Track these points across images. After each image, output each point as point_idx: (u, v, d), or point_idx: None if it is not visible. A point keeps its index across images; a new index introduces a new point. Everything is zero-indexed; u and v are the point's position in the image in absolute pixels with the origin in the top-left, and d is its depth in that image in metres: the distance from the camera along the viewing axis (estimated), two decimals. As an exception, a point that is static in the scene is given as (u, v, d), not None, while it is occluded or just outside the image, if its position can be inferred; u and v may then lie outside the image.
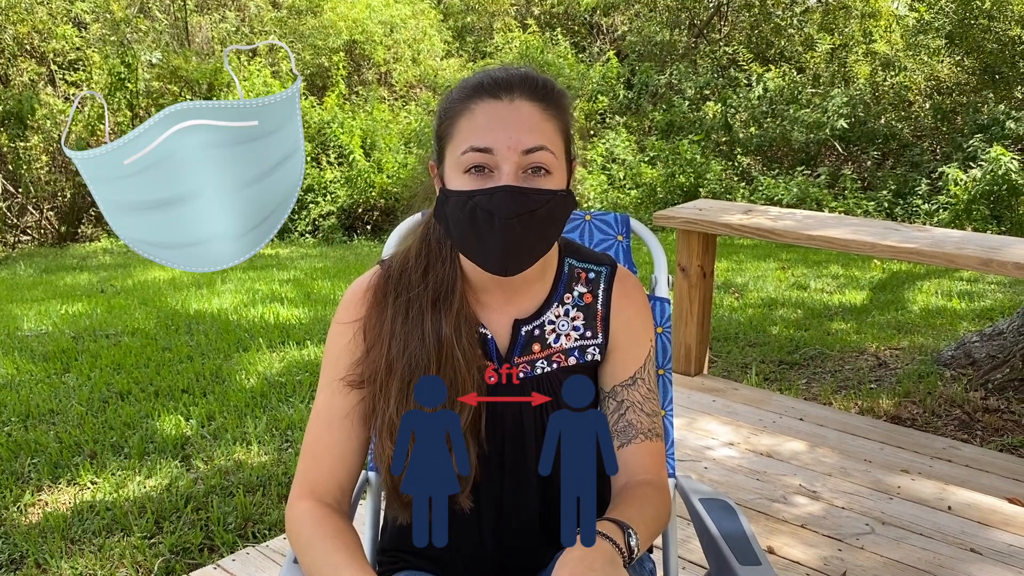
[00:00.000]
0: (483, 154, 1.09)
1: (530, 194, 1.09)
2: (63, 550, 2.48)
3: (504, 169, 1.09)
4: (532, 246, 1.13)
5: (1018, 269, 2.80)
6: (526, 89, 1.12)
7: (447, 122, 1.15)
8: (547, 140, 1.11)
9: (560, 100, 1.16)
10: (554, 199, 1.11)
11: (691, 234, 3.61)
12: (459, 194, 1.10)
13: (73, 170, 10.90)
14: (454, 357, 1.16)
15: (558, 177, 1.13)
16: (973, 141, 10.00)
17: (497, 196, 1.08)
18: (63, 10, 11.62)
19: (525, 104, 1.11)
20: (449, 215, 1.13)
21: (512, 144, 1.09)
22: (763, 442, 3.12)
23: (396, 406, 1.16)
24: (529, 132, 1.10)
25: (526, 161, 1.09)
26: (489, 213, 1.08)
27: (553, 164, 1.12)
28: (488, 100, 1.11)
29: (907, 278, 6.56)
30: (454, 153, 1.12)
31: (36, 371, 4.02)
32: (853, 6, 12.93)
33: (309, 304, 5.57)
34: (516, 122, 1.10)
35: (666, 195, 10.84)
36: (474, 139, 1.10)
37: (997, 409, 3.50)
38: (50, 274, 7.73)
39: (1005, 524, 2.56)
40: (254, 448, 3.15)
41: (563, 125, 1.15)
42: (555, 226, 1.14)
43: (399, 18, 13.27)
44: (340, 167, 11.21)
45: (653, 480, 1.24)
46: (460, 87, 1.16)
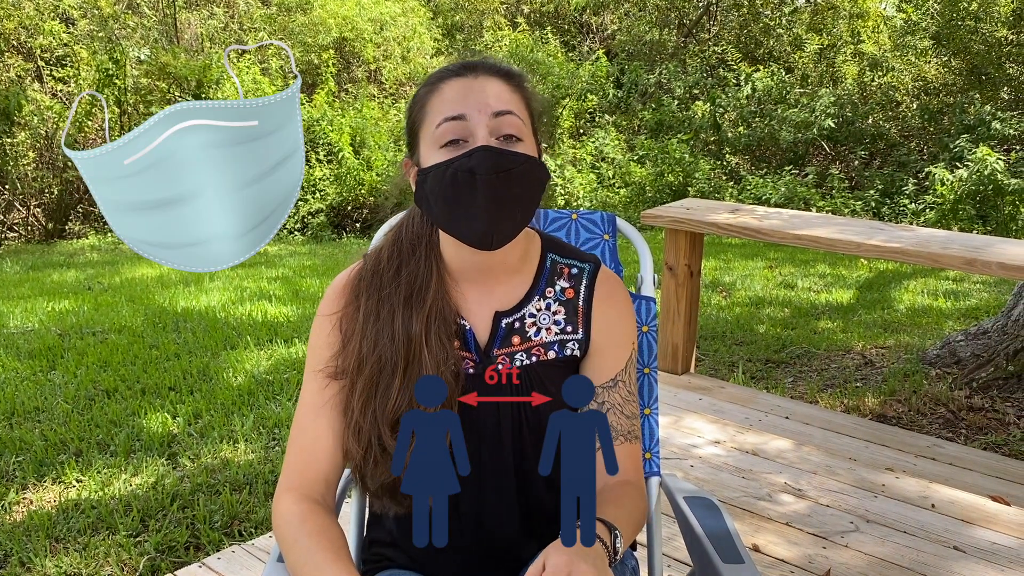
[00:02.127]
0: (456, 122, 1.14)
1: (507, 153, 1.13)
2: (48, 548, 2.47)
3: (478, 134, 1.13)
4: (512, 209, 1.15)
5: (1002, 269, 2.82)
6: (488, 68, 1.19)
7: (416, 109, 1.20)
8: (515, 108, 1.17)
9: (521, 79, 1.22)
10: (529, 162, 1.15)
11: (679, 233, 3.62)
12: (437, 166, 1.14)
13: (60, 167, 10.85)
14: (422, 355, 1.18)
15: (529, 147, 1.17)
16: (959, 141, 10.07)
17: (476, 154, 1.11)
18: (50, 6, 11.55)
19: (489, 79, 1.18)
20: (430, 192, 1.16)
21: (482, 107, 1.14)
22: (749, 440, 3.14)
23: (362, 405, 1.18)
24: (497, 98, 1.16)
25: (497, 125, 1.14)
26: (470, 172, 1.11)
27: (523, 132, 1.17)
28: (454, 78, 1.18)
29: (893, 277, 6.59)
30: (428, 131, 1.17)
31: (22, 368, 4.00)
32: (841, 6, 12.99)
33: (297, 302, 5.56)
34: (483, 91, 1.16)
35: (655, 194, 10.87)
36: (446, 110, 1.15)
37: (981, 408, 3.53)
38: (37, 271, 7.69)
39: (988, 522, 2.58)
40: (241, 446, 3.14)
41: (527, 103, 1.21)
42: (532, 191, 1.17)
43: (389, 15, 13.25)
44: (329, 165, 11.18)
45: (632, 481, 1.26)
46: (425, 80, 1.22)
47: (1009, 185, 8.77)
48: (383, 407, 1.17)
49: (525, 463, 1.24)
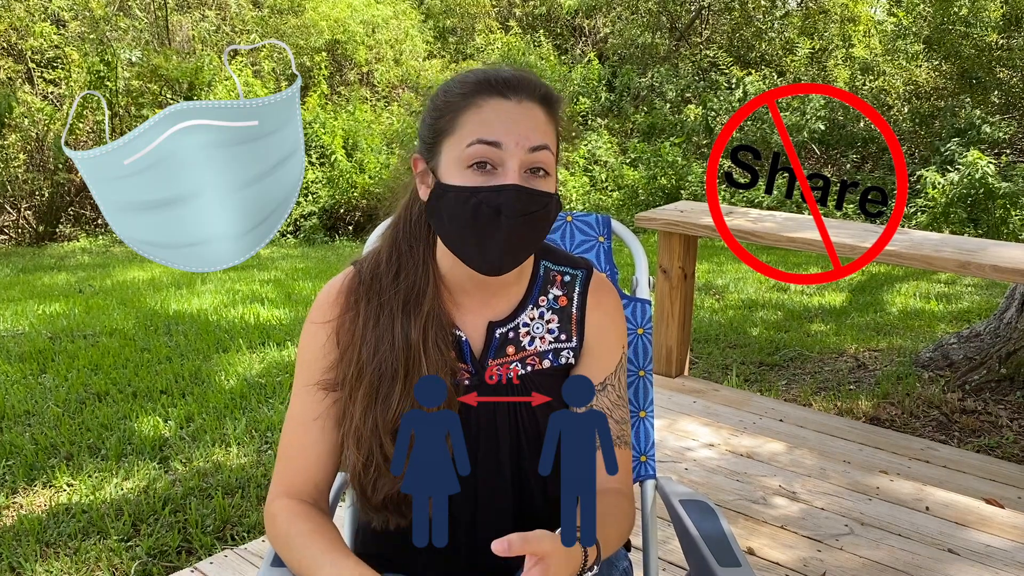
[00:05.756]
0: (491, 147, 1.09)
1: (535, 195, 1.10)
2: (38, 553, 2.45)
3: (509, 165, 1.10)
4: (528, 246, 1.15)
5: (996, 271, 2.83)
6: (532, 92, 1.14)
7: (448, 115, 1.14)
8: (549, 140, 1.13)
9: (559, 106, 1.18)
10: (551, 201, 1.13)
11: (672, 236, 3.62)
12: (461, 189, 1.10)
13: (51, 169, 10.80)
14: (421, 362, 1.16)
15: (552, 180, 1.15)
16: (950, 145, 10.11)
17: (506, 194, 1.08)
18: (40, 7, 11.50)
19: (532, 105, 1.13)
20: (445, 210, 1.12)
21: (520, 141, 1.10)
22: (743, 443, 3.14)
23: (363, 413, 1.16)
24: (535, 131, 1.12)
25: (530, 160, 1.11)
26: (496, 210, 1.09)
27: (551, 166, 1.14)
28: (496, 98, 1.12)
29: (886, 280, 6.61)
30: (457, 146, 1.12)
31: (12, 372, 3.97)
32: (833, 11, 13.03)
33: (290, 305, 5.54)
34: (525, 121, 1.11)
35: (648, 197, 10.88)
36: (483, 132, 1.10)
37: (974, 410, 3.53)
38: (27, 274, 7.65)
39: (982, 524, 2.58)
40: (233, 450, 3.13)
41: (557, 130, 1.18)
42: (548, 228, 1.17)
43: (381, 18, 13.23)
44: (322, 167, 11.17)
45: (621, 488, 1.25)
46: (461, 82, 1.16)
47: (1000, 188, 8.82)
48: (384, 415, 1.15)
49: (522, 466, 1.23)
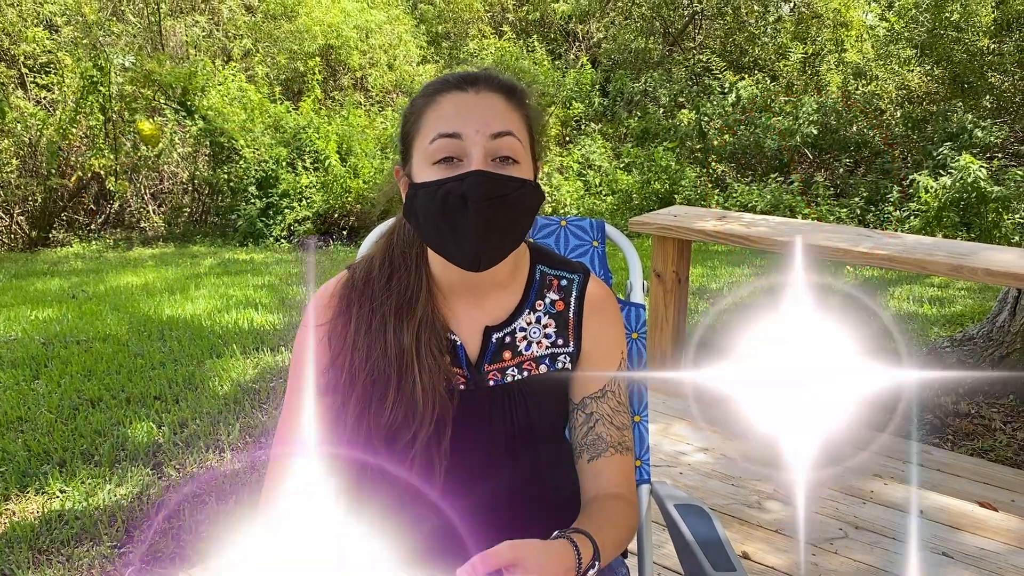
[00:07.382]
0: (452, 140, 1.09)
1: (501, 179, 1.09)
2: (30, 560, 2.44)
3: (473, 154, 1.09)
4: (503, 236, 1.12)
5: (988, 275, 2.84)
6: (490, 83, 1.14)
7: (412, 119, 1.15)
8: (514, 128, 1.12)
9: (522, 95, 1.17)
10: (524, 187, 1.12)
11: (666, 240, 3.63)
12: (429, 184, 1.10)
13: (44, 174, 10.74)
14: (414, 367, 1.15)
15: (525, 168, 1.13)
16: (943, 149, 10.16)
17: (469, 179, 1.08)
18: (33, 12, 11.47)
19: (490, 95, 1.13)
20: (419, 209, 1.12)
21: (480, 128, 1.09)
22: (737, 447, 3.14)
23: (356, 420, 1.15)
24: (495, 118, 1.11)
25: (494, 147, 1.10)
26: (461, 197, 1.08)
27: (520, 153, 1.12)
28: (454, 92, 1.13)
29: (879, 284, 6.62)
30: (422, 145, 1.12)
31: (4, 378, 3.95)
32: (825, 16, 13.08)
33: (283, 310, 5.53)
34: (483, 109, 1.11)
35: (642, 201, 10.89)
36: (441, 126, 1.10)
37: (968, 414, 3.54)
38: (20, 279, 7.61)
39: (976, 528, 2.58)
40: (227, 455, 3.12)
41: (527, 120, 1.16)
42: (525, 217, 1.15)
43: (374, 23, 13.23)
44: (316, 172, 11.14)
45: (624, 495, 1.24)
46: (423, 88, 1.18)
47: (992, 192, 8.86)
48: (377, 422, 1.15)
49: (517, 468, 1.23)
